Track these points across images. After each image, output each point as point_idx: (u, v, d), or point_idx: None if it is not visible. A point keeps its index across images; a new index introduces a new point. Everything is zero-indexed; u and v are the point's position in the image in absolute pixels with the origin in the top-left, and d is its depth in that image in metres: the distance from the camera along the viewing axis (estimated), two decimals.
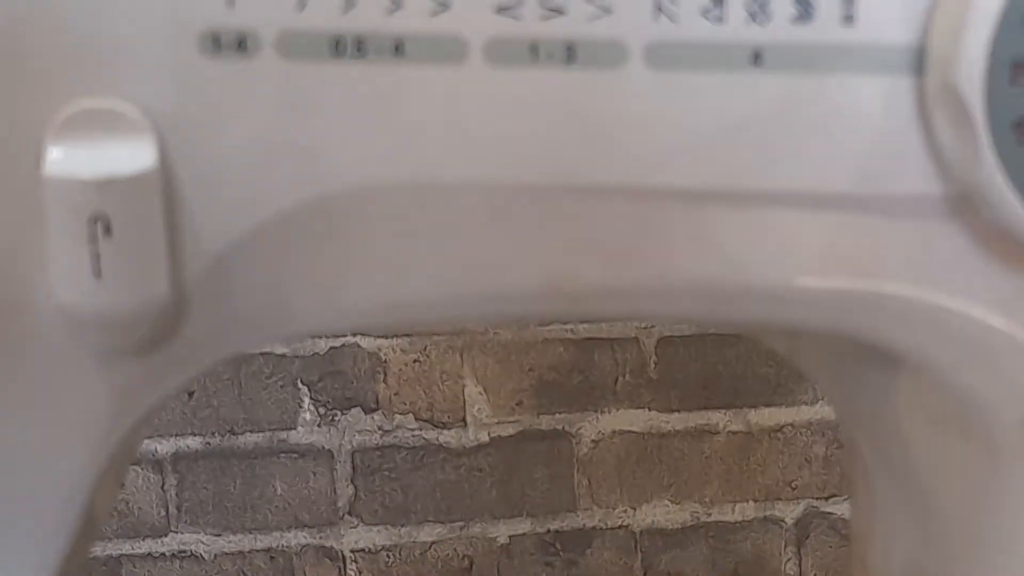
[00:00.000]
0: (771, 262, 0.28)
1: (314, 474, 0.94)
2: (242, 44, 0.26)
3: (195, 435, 0.93)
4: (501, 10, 0.26)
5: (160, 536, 0.94)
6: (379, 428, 0.94)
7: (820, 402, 0.95)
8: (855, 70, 0.26)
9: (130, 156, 0.25)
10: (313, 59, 0.26)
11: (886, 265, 0.28)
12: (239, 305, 0.28)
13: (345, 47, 0.26)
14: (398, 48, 0.26)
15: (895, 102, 0.27)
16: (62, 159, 0.25)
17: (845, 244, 0.28)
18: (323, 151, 0.27)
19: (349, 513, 0.95)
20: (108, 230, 0.25)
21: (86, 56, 0.26)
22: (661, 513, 0.97)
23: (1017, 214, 0.26)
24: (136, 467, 0.92)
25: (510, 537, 0.96)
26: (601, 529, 0.97)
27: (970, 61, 0.25)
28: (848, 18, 0.26)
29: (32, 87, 0.25)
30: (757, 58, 0.26)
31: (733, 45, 0.26)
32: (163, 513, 0.93)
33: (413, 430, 0.94)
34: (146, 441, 0.91)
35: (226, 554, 0.94)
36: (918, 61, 0.26)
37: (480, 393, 0.94)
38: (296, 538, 0.95)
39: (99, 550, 0.92)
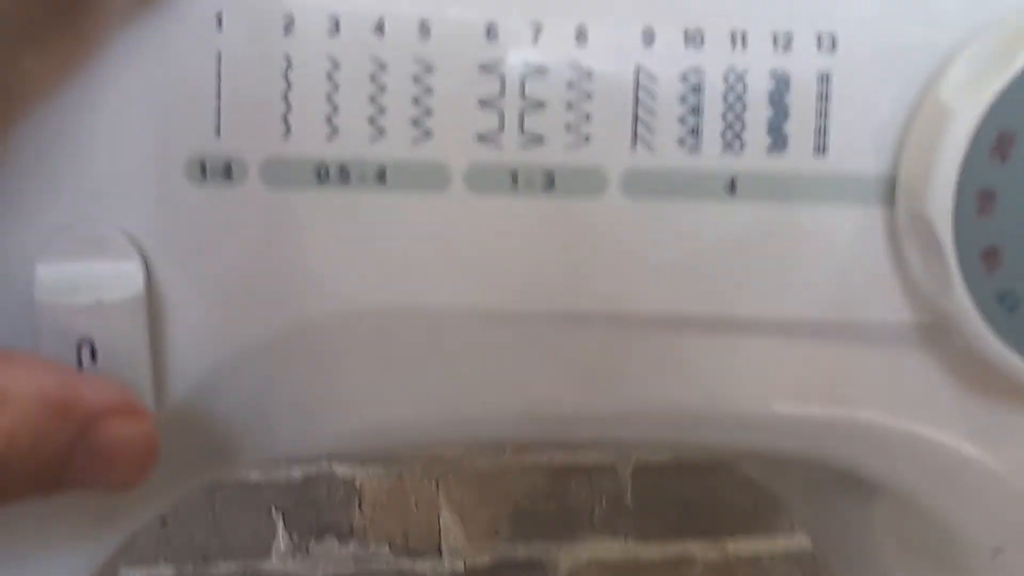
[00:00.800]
0: (746, 388, 0.29)
1: None
2: (228, 171, 0.26)
3: (168, 562, 0.91)
4: (482, 138, 0.27)
5: None
6: (353, 557, 0.92)
7: (797, 532, 0.95)
8: (827, 199, 0.27)
9: (117, 281, 0.26)
10: (297, 186, 0.27)
11: (860, 392, 0.29)
12: (221, 427, 0.28)
13: (328, 174, 0.27)
14: (381, 175, 0.27)
15: (866, 231, 0.27)
16: (51, 285, 0.25)
17: (819, 371, 0.29)
18: (306, 277, 0.27)
19: None
20: (93, 354, 0.25)
21: (74, 183, 0.26)
22: None
23: (987, 342, 0.26)
24: None
25: None
26: None
27: (939, 192, 0.25)
28: (820, 149, 0.27)
29: (22, 216, 0.26)
30: (732, 187, 0.27)
31: (709, 174, 0.27)
32: None
33: (388, 559, 0.93)
34: (121, 568, 0.90)
35: None
36: (888, 191, 0.27)
37: (456, 521, 0.93)
38: None
39: None
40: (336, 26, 0.26)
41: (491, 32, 0.26)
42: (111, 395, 0.24)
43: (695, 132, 0.27)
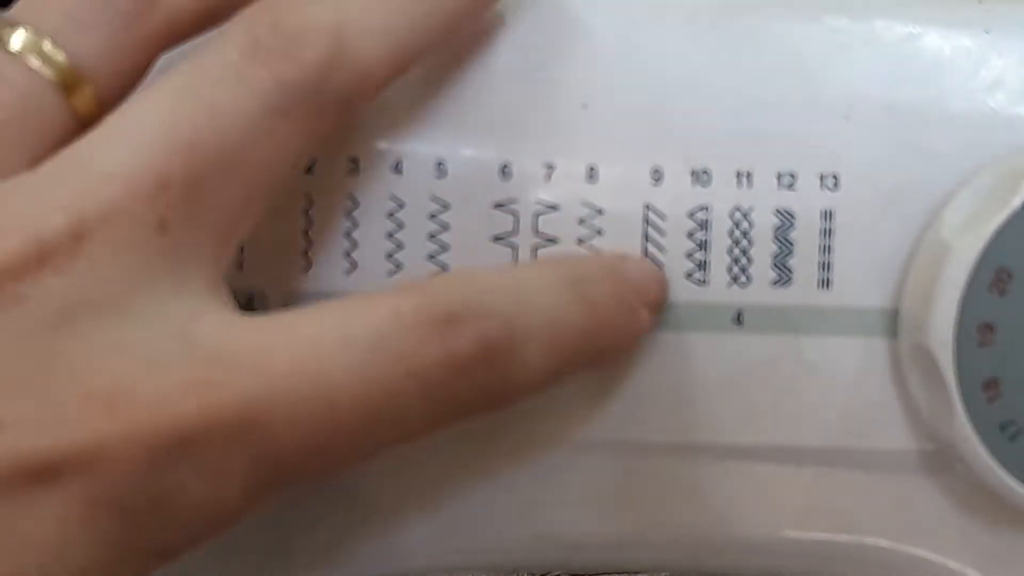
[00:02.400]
0: (754, 514, 0.29)
1: None
2: (250, 303, 0.27)
3: None
4: None
5: None
6: None
7: None
8: (832, 331, 0.28)
9: None
10: None
11: (866, 517, 0.29)
12: (241, 556, 0.28)
13: None
14: None
15: (870, 362, 0.28)
16: None
17: (826, 497, 0.29)
18: None
19: None
20: None
21: None
22: None
23: (989, 471, 0.27)
24: None
25: None
26: None
27: (940, 325, 0.26)
28: (824, 283, 0.27)
29: None
30: (739, 319, 0.28)
31: (716, 306, 0.28)
32: None
33: None
34: None
35: None
36: (891, 323, 0.28)
37: None
38: None
39: None
40: (356, 166, 0.27)
41: (505, 171, 0.27)
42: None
43: (702, 266, 0.27)
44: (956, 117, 0.27)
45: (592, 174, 0.27)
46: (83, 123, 0.23)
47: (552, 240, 0.27)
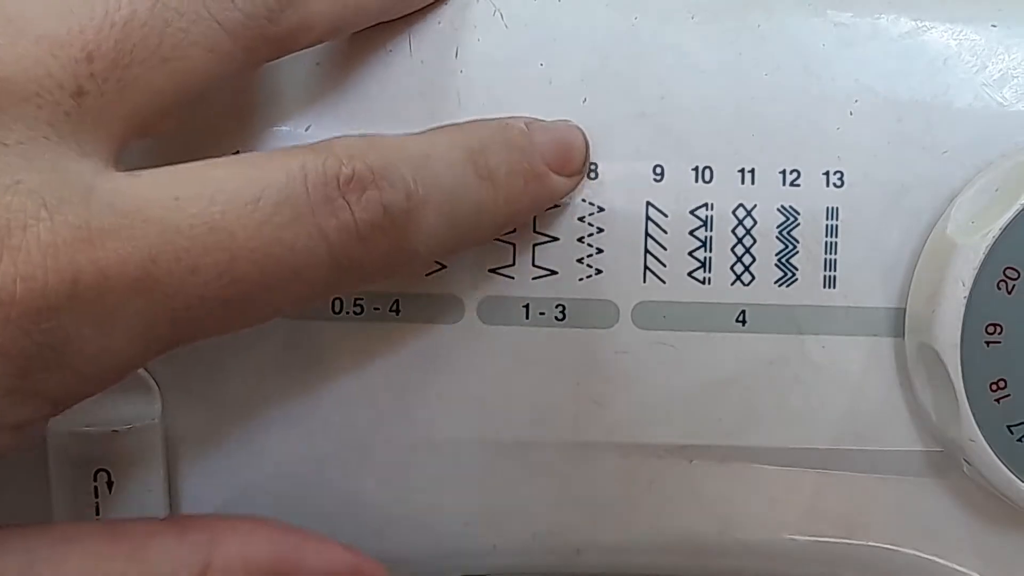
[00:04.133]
0: (758, 516, 0.29)
1: None
2: None
3: None
4: (495, 272, 0.27)
5: None
6: None
7: None
8: (837, 331, 0.27)
9: (133, 410, 0.26)
10: (314, 316, 0.27)
11: (871, 520, 0.29)
12: None
13: (343, 306, 0.27)
14: (395, 307, 0.27)
15: (875, 362, 0.27)
16: (68, 413, 0.25)
17: (830, 499, 0.29)
18: (319, 407, 0.27)
19: None
20: (110, 484, 0.25)
21: None
22: None
23: (996, 471, 0.27)
24: None
25: None
26: None
27: (946, 324, 0.26)
28: (829, 282, 0.27)
29: None
30: (742, 319, 0.27)
31: (719, 306, 0.27)
32: None
33: None
34: None
35: None
36: (897, 323, 0.27)
37: None
38: None
39: None
40: None
41: None
42: (337, 564, 0.24)
43: (705, 265, 0.27)
44: (962, 113, 0.27)
45: (593, 171, 0.27)
46: None
47: (552, 238, 0.27)
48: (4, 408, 0.20)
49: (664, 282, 0.27)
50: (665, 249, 0.27)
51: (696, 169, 0.27)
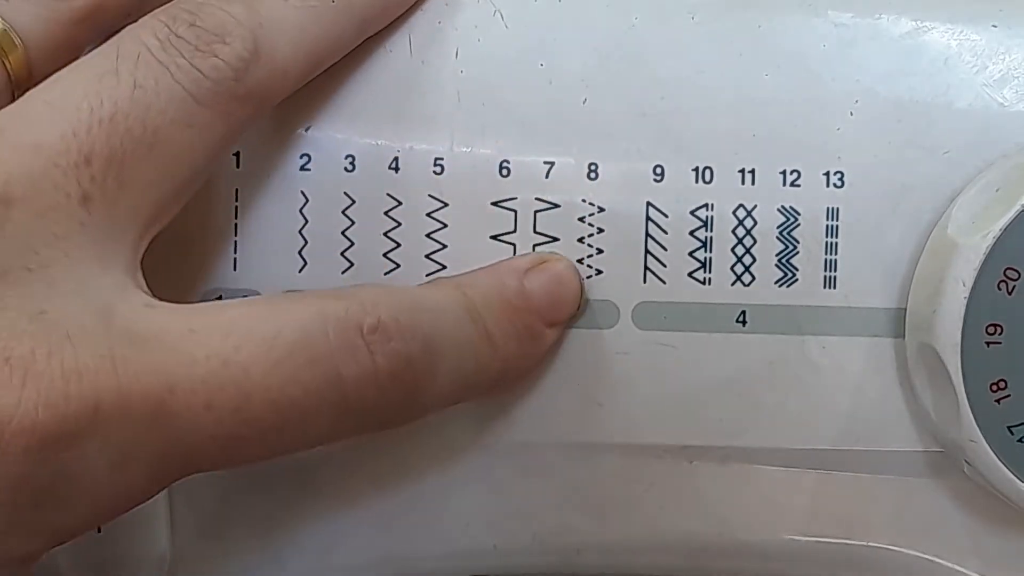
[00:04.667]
0: (757, 517, 0.29)
1: None
2: None
3: None
4: None
5: None
6: None
7: None
8: (837, 331, 0.27)
9: None
10: None
11: (871, 521, 0.29)
12: (232, 562, 0.28)
13: None
14: None
15: (876, 362, 0.27)
16: None
17: (830, 500, 0.29)
18: None
19: None
20: None
21: None
22: None
23: (996, 472, 0.27)
24: None
25: None
26: None
27: (947, 324, 0.26)
28: (830, 282, 0.27)
29: None
30: (742, 319, 0.27)
31: (719, 306, 0.27)
32: None
33: None
34: None
35: None
36: (898, 323, 0.27)
37: None
38: None
39: None
40: (353, 163, 0.27)
41: (504, 169, 0.27)
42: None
43: (705, 266, 0.27)
44: (963, 113, 0.27)
45: (592, 172, 0.27)
46: (16, 86, 0.23)
47: (552, 239, 0.27)
48: (11, 543, 0.20)
49: (664, 282, 0.27)
50: (665, 249, 0.27)
51: (696, 169, 0.27)
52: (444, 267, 0.27)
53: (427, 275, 0.27)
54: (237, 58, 0.23)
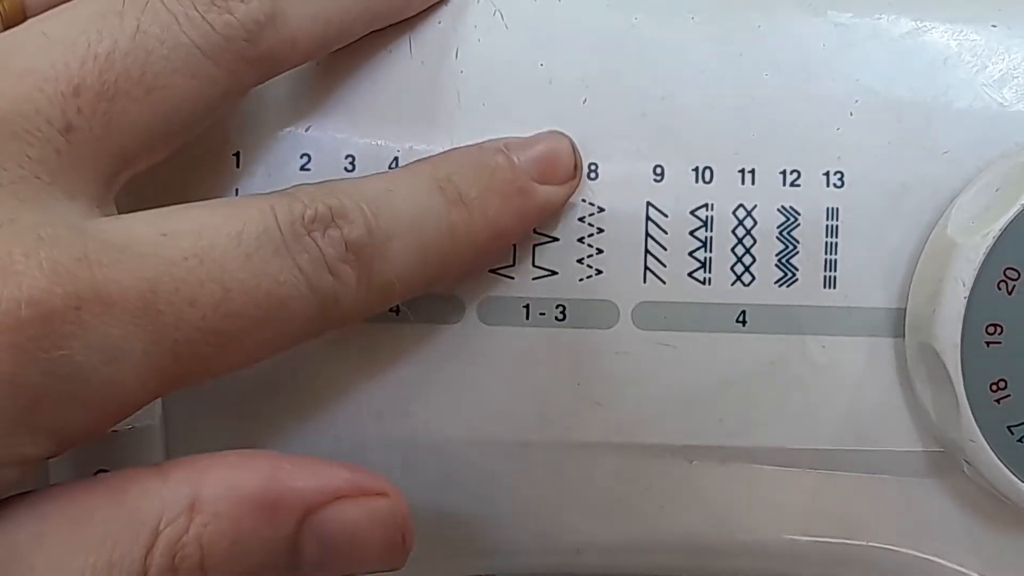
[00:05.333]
0: (757, 517, 0.29)
1: None
2: None
3: None
4: (495, 272, 0.27)
5: None
6: None
7: None
8: (837, 331, 0.27)
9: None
10: None
11: (871, 520, 0.29)
12: None
13: None
14: (395, 307, 0.27)
15: (876, 362, 0.27)
16: None
17: (830, 499, 0.29)
18: (319, 407, 0.27)
19: None
20: None
21: None
22: None
23: (996, 472, 0.27)
24: None
25: None
26: None
27: (947, 324, 0.26)
28: (830, 282, 0.27)
29: None
30: (742, 319, 0.27)
31: (719, 306, 0.27)
32: None
33: None
34: None
35: None
36: (898, 323, 0.27)
37: None
38: None
39: None
40: (353, 163, 0.27)
41: None
42: (334, 479, 0.23)
43: (705, 266, 0.27)
44: (963, 113, 0.27)
45: (592, 171, 0.27)
46: (8, 26, 0.23)
47: (552, 238, 0.27)
48: (12, 444, 0.20)
49: (664, 282, 0.27)
50: (665, 249, 0.27)
51: (696, 169, 0.27)
52: None
53: None
54: (253, 19, 0.23)
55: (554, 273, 0.27)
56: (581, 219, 0.27)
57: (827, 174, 0.27)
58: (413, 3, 0.27)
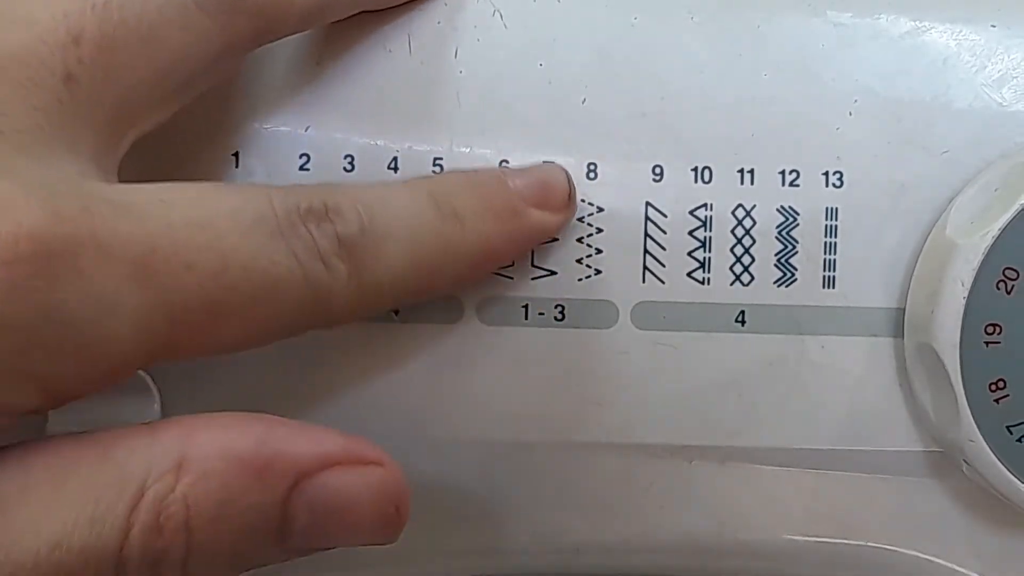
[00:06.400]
0: (756, 517, 0.29)
1: None
2: None
3: None
4: (494, 272, 0.27)
5: None
6: None
7: None
8: (836, 331, 0.27)
9: (134, 411, 0.26)
10: None
11: (869, 520, 0.29)
12: None
13: None
14: (394, 309, 0.27)
15: (875, 362, 0.27)
16: (68, 414, 0.25)
17: (829, 500, 0.29)
18: (319, 408, 0.27)
19: None
20: None
21: None
22: None
23: (995, 472, 0.27)
24: None
25: None
26: None
27: (946, 324, 0.26)
28: (829, 282, 0.27)
29: None
30: (741, 319, 0.27)
31: (718, 306, 0.27)
32: None
33: None
34: None
35: None
36: (897, 323, 0.27)
37: None
38: None
39: None
40: (352, 163, 0.27)
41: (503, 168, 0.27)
42: (328, 445, 0.23)
43: (705, 266, 0.27)
44: (962, 113, 0.27)
45: (592, 171, 0.27)
46: None
47: (552, 239, 0.27)
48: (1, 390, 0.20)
49: (663, 282, 0.27)
50: (664, 249, 0.27)
51: (696, 169, 0.27)
52: None
53: None
54: None
55: (553, 273, 0.27)
56: (580, 219, 0.27)
57: (826, 174, 0.27)
58: None
